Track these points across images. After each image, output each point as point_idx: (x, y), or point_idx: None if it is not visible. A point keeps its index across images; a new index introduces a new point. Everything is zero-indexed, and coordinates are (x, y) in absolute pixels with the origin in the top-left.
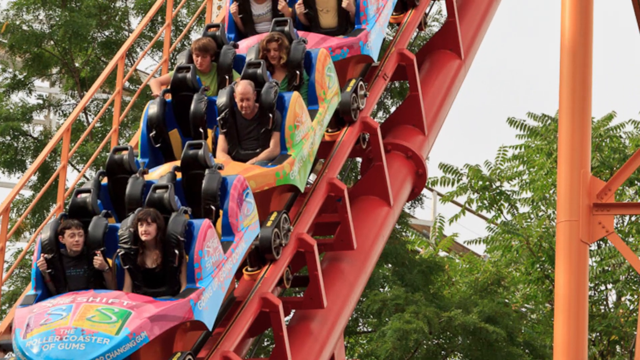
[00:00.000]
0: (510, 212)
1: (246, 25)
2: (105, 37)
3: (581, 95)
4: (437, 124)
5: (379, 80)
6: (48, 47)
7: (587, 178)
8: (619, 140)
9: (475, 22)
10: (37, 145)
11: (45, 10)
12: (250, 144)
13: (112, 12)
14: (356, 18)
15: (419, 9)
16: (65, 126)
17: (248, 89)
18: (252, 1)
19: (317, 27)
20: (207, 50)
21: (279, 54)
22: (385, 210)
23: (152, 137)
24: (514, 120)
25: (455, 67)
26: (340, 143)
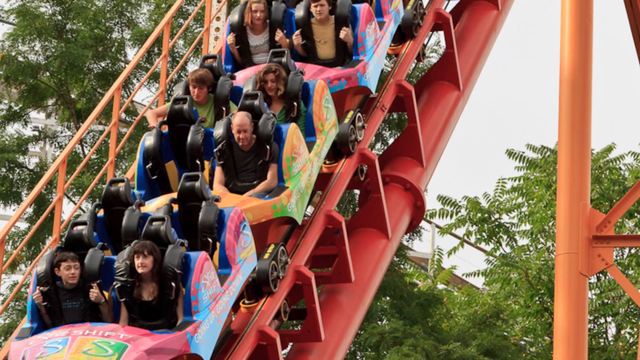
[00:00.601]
0: (509, 244)
1: (243, 56)
2: (101, 68)
3: (581, 127)
4: (436, 156)
5: (377, 111)
6: (44, 79)
7: (586, 210)
8: (619, 172)
9: (474, 53)
10: (32, 177)
11: (41, 42)
12: (247, 176)
13: (109, 43)
14: (354, 49)
15: (418, 40)
16: (61, 158)
17: (245, 120)
18: (249, 32)
19: (314, 58)
20: (204, 82)
21: (277, 85)
22: (384, 243)
23: (149, 169)
24: (513, 152)
25: (453, 98)
26: (338, 175)
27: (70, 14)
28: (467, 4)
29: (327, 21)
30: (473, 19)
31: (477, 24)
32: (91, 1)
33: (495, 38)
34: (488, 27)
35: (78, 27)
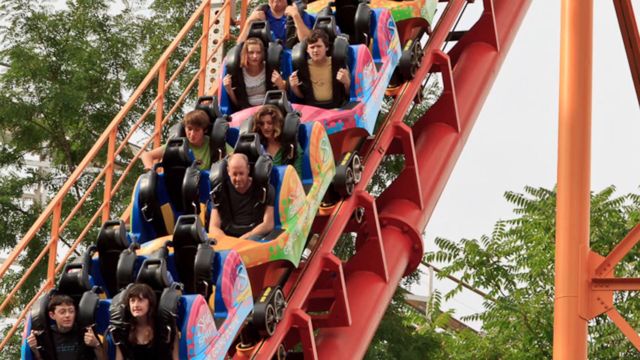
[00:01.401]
0: (508, 287)
1: (239, 98)
2: (96, 110)
3: (580, 169)
4: (434, 198)
5: (374, 153)
6: (38, 120)
7: (585, 253)
8: (618, 215)
9: (472, 94)
10: (27, 219)
11: (36, 83)
12: (243, 218)
13: (104, 85)
14: (351, 90)
15: (415, 82)
16: (56, 200)
17: (241, 162)
18: (245, 73)
19: (311, 100)
20: (199, 123)
21: (273, 127)
22: (381, 286)
23: (144, 211)
24: (512, 194)
25: (452, 140)
26: (335, 217)
27: (64, 55)
28: (466, 45)
29: (324, 62)
30: (471, 60)
31: (476, 65)
32: (86, 42)
33: (493, 79)
34: (486, 68)
35: (73, 68)
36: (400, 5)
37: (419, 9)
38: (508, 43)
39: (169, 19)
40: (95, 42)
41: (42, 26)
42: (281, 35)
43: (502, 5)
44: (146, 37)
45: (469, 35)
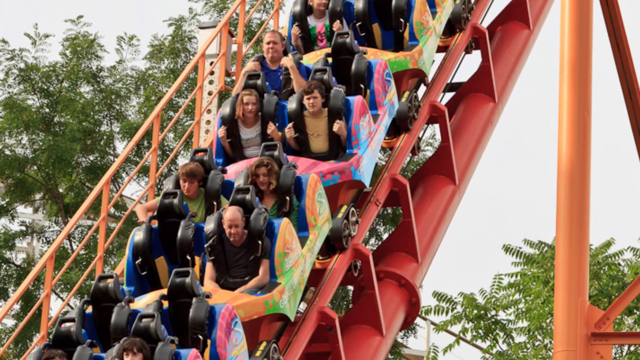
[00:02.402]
0: (506, 341)
1: (235, 150)
2: (89, 162)
3: (579, 222)
4: (431, 251)
5: (371, 206)
6: (31, 172)
7: (584, 307)
8: (618, 268)
9: (470, 146)
10: (19, 273)
11: (29, 135)
12: (238, 271)
13: (97, 137)
14: (347, 142)
15: (412, 133)
16: (49, 253)
17: (236, 215)
18: (240, 125)
19: (307, 152)
20: (194, 176)
21: (269, 179)
22: (378, 340)
23: (138, 264)
24: (510, 247)
25: (449, 192)
26: (331, 271)
27: (58, 106)
28: (463, 97)
29: (320, 114)
30: (469, 111)
31: (474, 116)
32: (79, 93)
33: (491, 131)
34: (484, 119)
35: (66, 120)
36: (398, 56)
37: (416, 60)
38: (506, 94)
39: (164, 70)
40: (89, 93)
41: (35, 77)
42: (277, 87)
43: (500, 57)
44: (140, 88)
45: (467, 86)
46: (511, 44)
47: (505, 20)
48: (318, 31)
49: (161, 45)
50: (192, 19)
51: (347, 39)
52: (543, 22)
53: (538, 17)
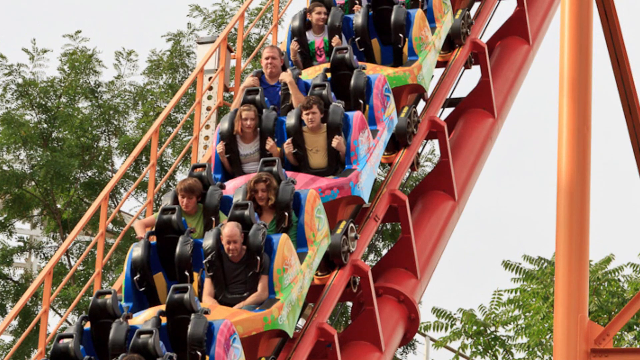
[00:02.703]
0: (506, 358)
1: (233, 165)
2: (88, 177)
3: (578, 238)
4: (430, 267)
5: (370, 222)
6: (29, 188)
7: (584, 323)
8: (618, 284)
9: (469, 162)
10: (17, 289)
11: (26, 150)
12: (237, 287)
13: (95, 152)
14: (347, 158)
15: (412, 149)
16: (47, 269)
17: (235, 231)
18: (239, 141)
19: (306, 167)
20: (193, 191)
21: (267, 195)
22: (377, 356)
23: (136, 280)
24: (509, 263)
25: (448, 208)
26: (330, 287)
27: (56, 122)
28: (463, 112)
29: (319, 129)
30: (469, 127)
31: (473, 132)
32: (77, 109)
33: (491, 146)
34: (484, 135)
35: (64, 135)
36: (397, 71)
37: (416, 75)
38: (506, 110)
39: (162, 86)
40: (87, 108)
41: (33, 92)
42: (275, 102)
43: (500, 72)
44: (139, 103)
45: (466, 101)
46: (510, 59)
47: (504, 35)
48: (317, 46)
49: (159, 61)
50: (190, 34)
51: (346, 54)
52: (543, 37)
53: (538, 32)
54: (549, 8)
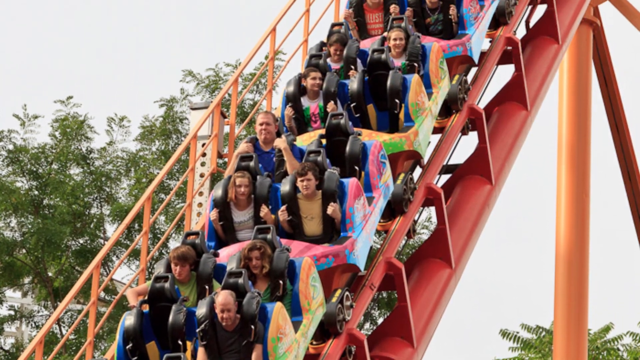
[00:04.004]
0: None
1: (227, 233)
2: (79, 245)
3: (577, 306)
4: (427, 336)
5: (365, 290)
6: (20, 256)
7: None
8: (617, 353)
9: (466, 229)
10: (8, 358)
11: (17, 217)
12: (231, 356)
13: (87, 219)
14: (342, 225)
15: (408, 216)
16: (38, 338)
17: (229, 299)
18: (233, 208)
19: (301, 235)
20: (186, 259)
21: (261, 262)
22: None
23: (129, 349)
24: (507, 332)
25: (445, 276)
26: (325, 356)
27: (47, 189)
28: (460, 179)
29: (314, 196)
30: (466, 194)
31: (470, 199)
32: (69, 176)
33: (488, 214)
34: (481, 202)
35: (55, 202)
36: (393, 137)
37: (412, 142)
38: (503, 176)
39: (155, 152)
40: (79, 175)
41: (24, 159)
42: (270, 168)
43: (498, 138)
44: (131, 170)
45: (463, 168)
46: (508, 125)
47: (502, 101)
48: (312, 112)
49: (152, 127)
50: (183, 100)
51: (342, 120)
52: (541, 103)
53: (536, 97)
54: (547, 73)
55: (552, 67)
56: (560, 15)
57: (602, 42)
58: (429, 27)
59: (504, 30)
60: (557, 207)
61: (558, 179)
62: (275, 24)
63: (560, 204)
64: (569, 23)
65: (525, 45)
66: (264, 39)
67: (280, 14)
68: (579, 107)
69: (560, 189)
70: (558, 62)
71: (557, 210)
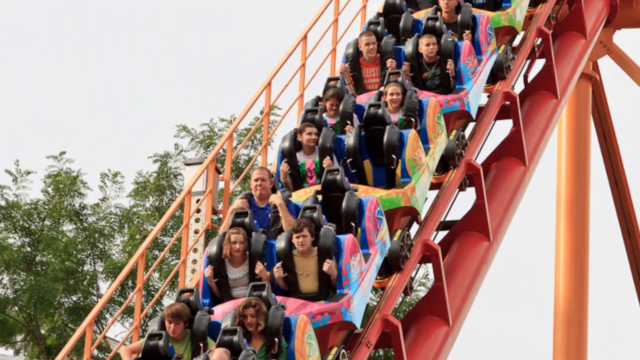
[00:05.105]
0: None
1: (222, 290)
2: (72, 302)
3: None
4: None
5: (362, 348)
6: (12, 313)
7: None
8: None
9: (464, 286)
10: None
11: (9, 274)
12: None
13: (80, 276)
14: (338, 282)
15: (405, 273)
16: None
17: (224, 357)
18: (227, 264)
19: (296, 292)
20: (180, 317)
21: (257, 320)
22: None
23: None
24: None
25: (442, 334)
26: None
27: (40, 245)
28: (457, 235)
29: (309, 253)
30: (463, 250)
31: (468, 256)
32: (62, 232)
33: (486, 271)
34: (479, 259)
35: (48, 259)
36: (389, 193)
37: (409, 198)
38: (501, 233)
39: (149, 208)
40: (72, 231)
41: (16, 215)
42: (265, 225)
43: (496, 194)
44: (124, 226)
45: (461, 224)
46: (506, 181)
47: (500, 156)
48: (307, 167)
49: (146, 182)
50: (178, 155)
51: (338, 175)
52: (539, 159)
53: (534, 153)
54: (545, 128)
55: (550, 122)
56: (559, 69)
57: (602, 96)
58: (426, 81)
59: (502, 84)
60: (556, 264)
61: (557, 235)
62: (271, 78)
63: (559, 261)
64: (568, 77)
65: (524, 100)
66: (259, 93)
67: (275, 69)
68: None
69: (559, 245)
70: (557, 117)
71: (555, 266)
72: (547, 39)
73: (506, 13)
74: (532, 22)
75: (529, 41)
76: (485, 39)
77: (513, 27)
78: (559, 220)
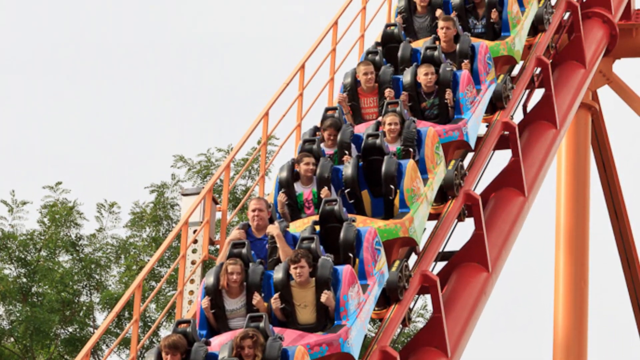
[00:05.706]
0: None
1: (219, 321)
2: (68, 333)
3: None
4: None
5: None
6: (8, 345)
7: None
8: None
9: (463, 318)
10: None
11: (5, 305)
12: None
13: (76, 307)
14: (336, 313)
15: (403, 304)
16: None
17: None
18: (225, 295)
19: (294, 323)
20: (177, 348)
21: (254, 351)
22: None
23: None
24: None
25: None
26: None
27: (35, 276)
28: (456, 266)
29: (307, 284)
30: (462, 281)
31: (467, 286)
32: (58, 263)
33: (485, 302)
34: (478, 290)
35: (44, 290)
36: (388, 224)
37: (407, 228)
38: (500, 263)
39: (145, 239)
40: (68, 262)
41: (12, 246)
42: (262, 256)
43: (494, 225)
44: (121, 257)
45: (460, 255)
46: (505, 212)
47: (499, 186)
48: (305, 198)
49: (142, 213)
50: (174, 186)
51: (335, 206)
52: (539, 189)
53: (533, 183)
54: (545, 158)
55: (550, 152)
56: (558, 99)
57: (601, 126)
58: (425, 111)
59: (500, 114)
60: (555, 295)
61: (556, 266)
62: (268, 108)
63: (558, 292)
64: (567, 107)
65: (523, 130)
66: (257, 123)
67: (273, 98)
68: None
69: (559, 276)
70: (556, 147)
71: (555, 298)
72: (547, 68)
73: (505, 42)
74: (531, 52)
75: (528, 71)
76: (484, 68)
77: (512, 57)
78: (558, 251)
